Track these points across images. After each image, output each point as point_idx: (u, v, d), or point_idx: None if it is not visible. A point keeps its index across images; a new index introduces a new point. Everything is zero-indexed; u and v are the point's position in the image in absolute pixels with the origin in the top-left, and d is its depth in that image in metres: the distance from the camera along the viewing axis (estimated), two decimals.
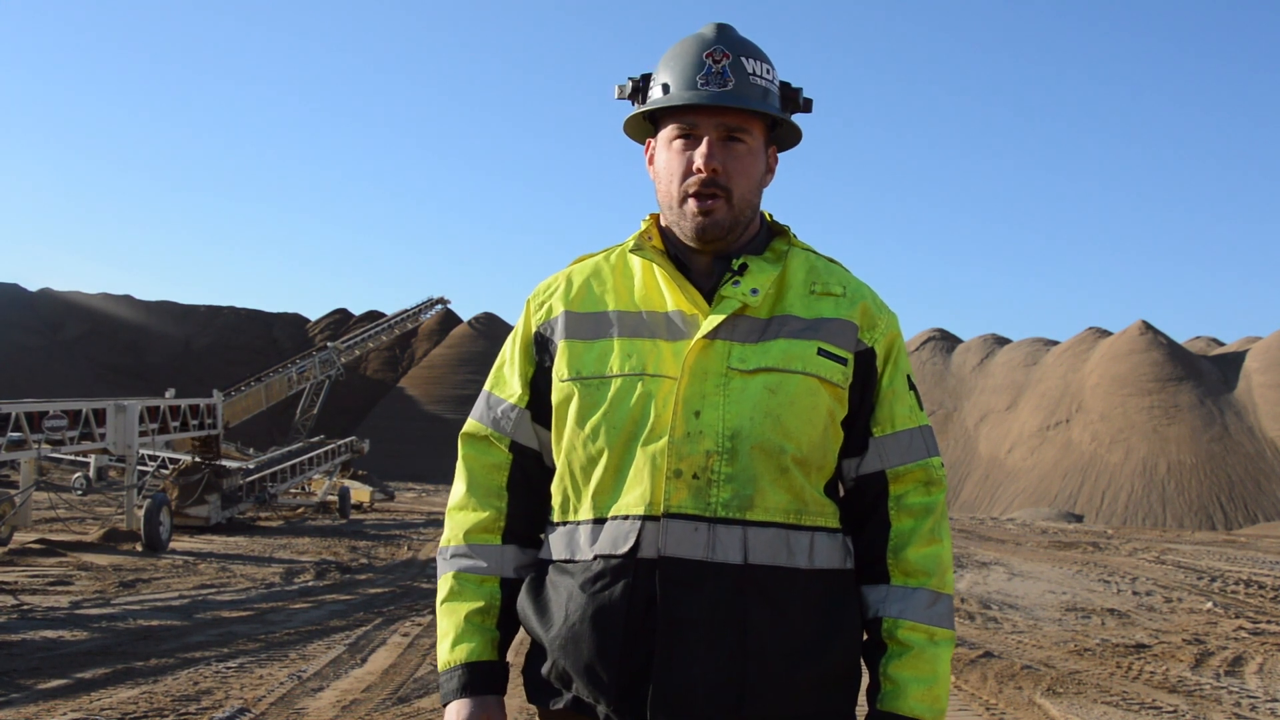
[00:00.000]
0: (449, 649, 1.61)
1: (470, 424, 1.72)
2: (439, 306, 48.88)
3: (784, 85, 1.65)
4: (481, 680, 1.58)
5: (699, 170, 1.55)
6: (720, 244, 1.59)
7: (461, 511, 1.67)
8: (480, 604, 1.62)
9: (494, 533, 1.65)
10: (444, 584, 1.65)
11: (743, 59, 1.57)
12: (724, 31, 1.60)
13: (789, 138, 1.69)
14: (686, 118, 1.57)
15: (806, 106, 1.67)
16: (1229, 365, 56.26)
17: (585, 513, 1.55)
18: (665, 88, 1.59)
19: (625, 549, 1.48)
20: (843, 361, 1.56)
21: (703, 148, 1.55)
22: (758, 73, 1.58)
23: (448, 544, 1.68)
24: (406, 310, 46.33)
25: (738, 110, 1.56)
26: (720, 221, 1.56)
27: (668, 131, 1.60)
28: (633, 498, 1.50)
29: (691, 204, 1.56)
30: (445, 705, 1.59)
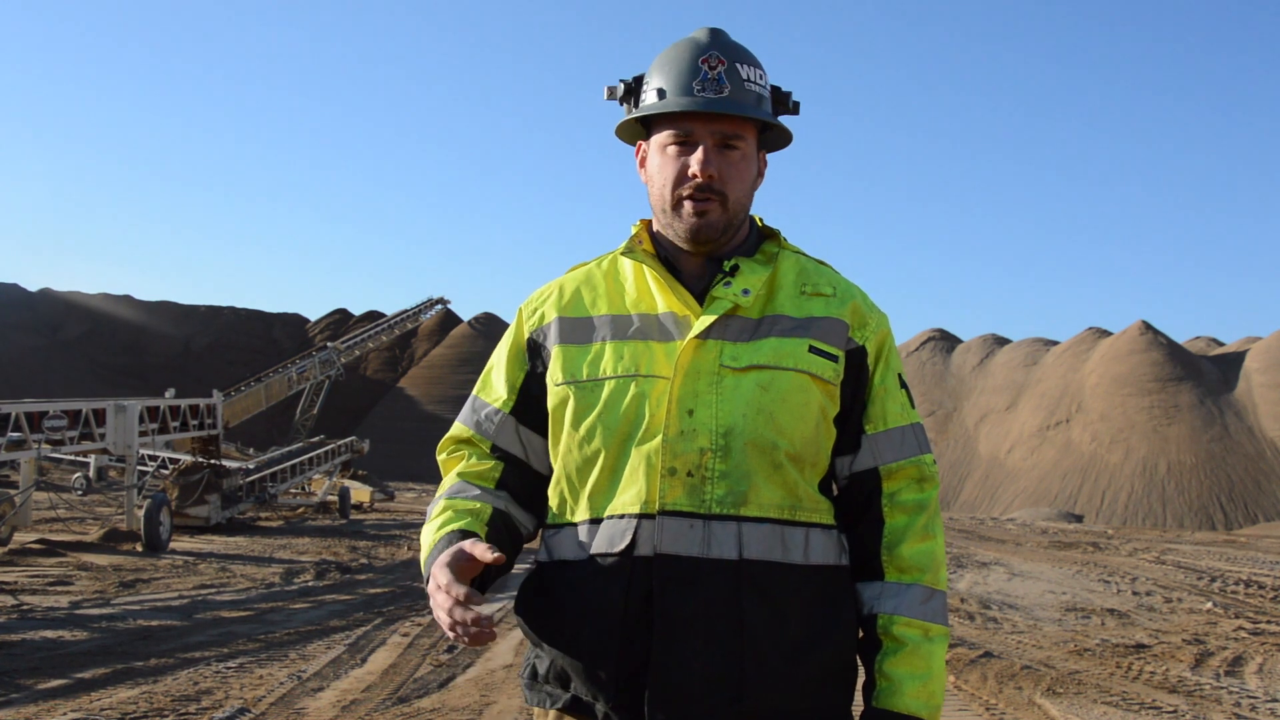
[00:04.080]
0: (434, 533, 1.55)
1: (455, 428, 1.72)
2: (439, 306, 48.90)
3: (774, 89, 1.66)
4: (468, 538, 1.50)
5: (695, 176, 1.56)
6: (713, 245, 1.61)
7: (457, 468, 1.67)
8: (472, 507, 1.58)
9: (489, 480, 1.64)
10: (433, 511, 1.61)
11: (737, 65, 1.58)
12: (717, 36, 1.61)
13: (778, 140, 1.71)
14: (682, 124, 1.57)
15: (795, 109, 1.68)
16: (1229, 365, 56.28)
17: (582, 514, 1.56)
18: (660, 93, 1.59)
19: (621, 547, 1.49)
20: (834, 359, 1.58)
21: (698, 154, 1.56)
22: (752, 79, 1.59)
23: (441, 490, 1.66)
24: (406, 310, 46.34)
25: (733, 117, 1.56)
26: (714, 223, 1.58)
27: (662, 137, 1.60)
28: (628, 497, 1.51)
29: (687, 205, 1.57)
30: (428, 577, 1.48)
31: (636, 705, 1.46)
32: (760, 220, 1.72)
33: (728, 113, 1.55)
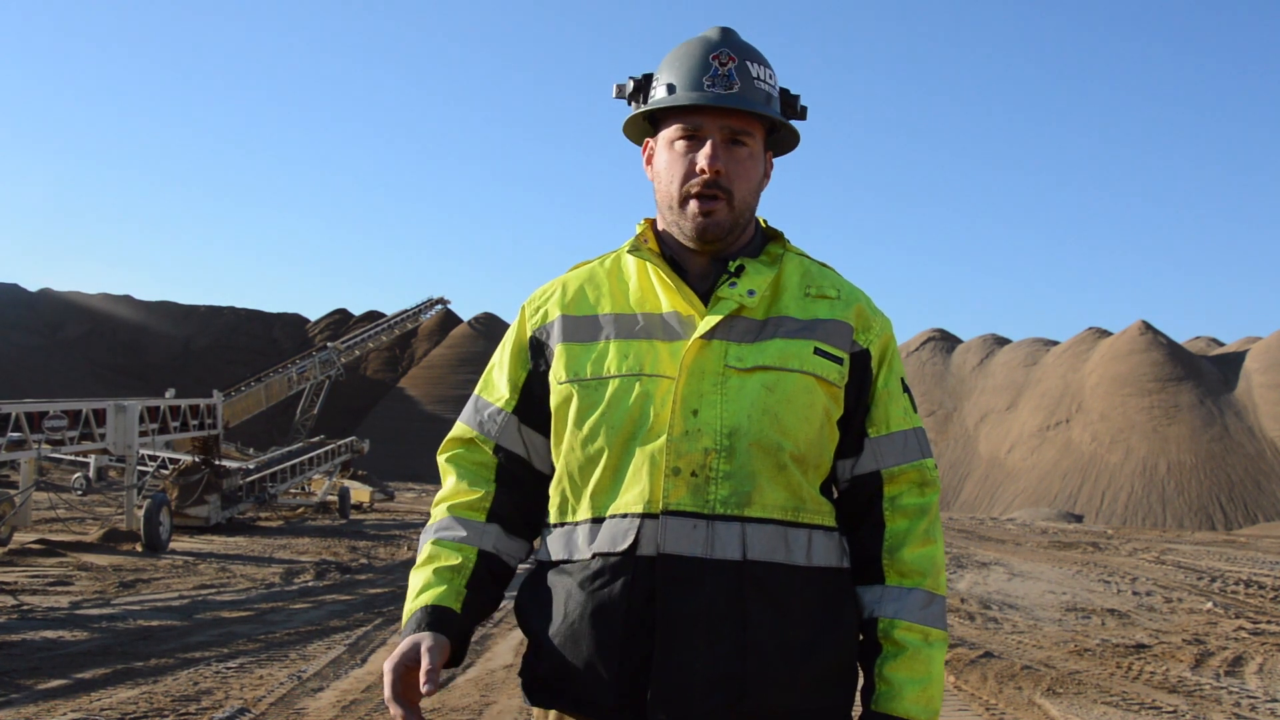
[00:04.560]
0: (413, 599, 1.58)
1: (457, 428, 1.72)
2: (439, 306, 48.87)
3: (784, 92, 1.66)
4: (437, 621, 1.53)
5: (702, 171, 1.56)
6: (718, 245, 1.61)
7: (447, 499, 1.68)
8: (454, 562, 1.60)
9: (479, 512, 1.64)
10: (421, 554, 1.64)
11: (748, 63, 1.58)
12: (729, 35, 1.61)
13: (785, 143, 1.71)
14: (691, 118, 1.57)
15: (802, 114, 1.69)
16: (1229, 365, 56.31)
17: (583, 513, 1.56)
18: (670, 88, 1.59)
19: (624, 547, 1.49)
20: (838, 361, 1.58)
21: (707, 149, 1.56)
22: (762, 77, 1.59)
23: (431, 525, 1.68)
24: (406, 310, 46.31)
25: (742, 113, 1.57)
26: (721, 222, 1.58)
27: (670, 132, 1.60)
28: (631, 496, 1.50)
29: (693, 204, 1.57)
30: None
31: (638, 705, 1.46)
32: (764, 222, 1.72)
33: (738, 108, 1.55)
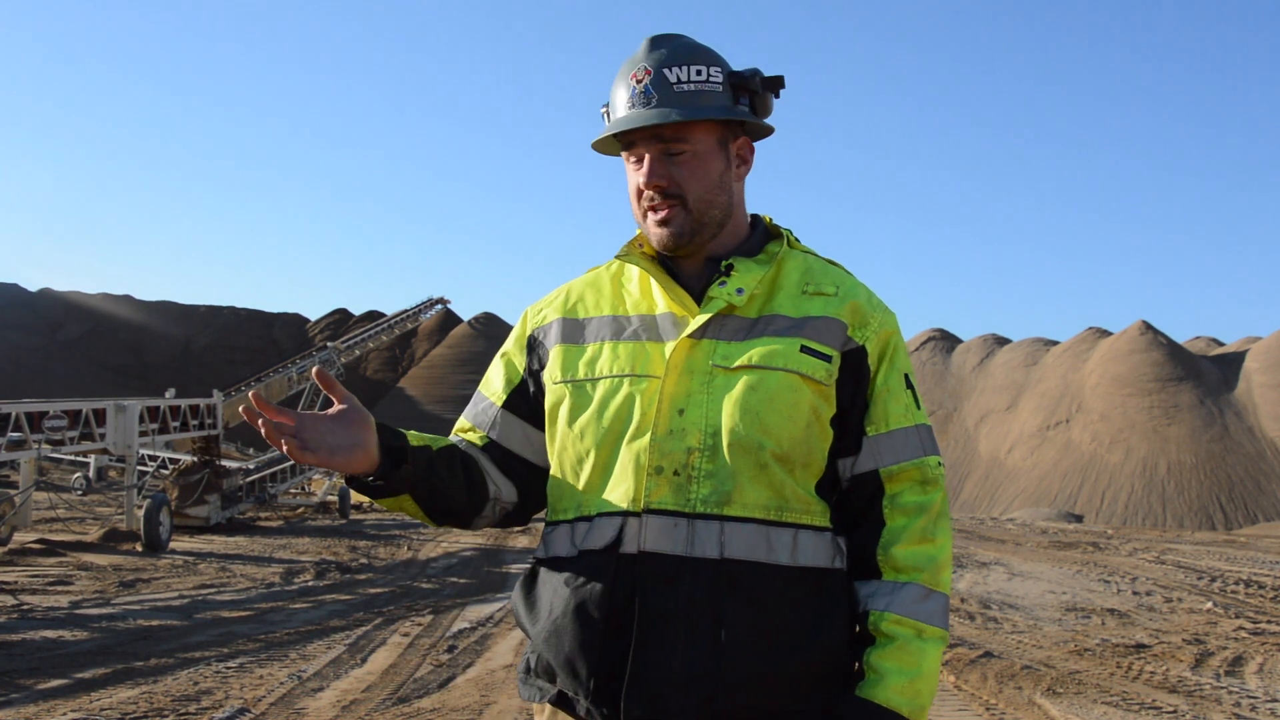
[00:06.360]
0: None
1: (459, 421, 1.80)
2: (439, 306, 48.86)
3: (734, 75, 1.61)
4: (384, 428, 1.59)
5: (641, 188, 1.60)
6: (690, 248, 1.62)
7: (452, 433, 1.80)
8: (438, 438, 1.69)
9: (477, 442, 1.73)
10: None
11: (665, 70, 1.57)
12: (652, 45, 1.60)
13: (760, 124, 1.65)
14: (626, 139, 1.61)
15: (771, 85, 1.63)
16: (1229, 365, 56.34)
17: (574, 511, 1.59)
18: (606, 115, 1.65)
19: (607, 544, 1.52)
20: (827, 359, 1.56)
21: (644, 167, 1.59)
22: (684, 78, 1.57)
23: None
24: (406, 310, 46.26)
25: (671, 123, 1.56)
26: (680, 228, 1.59)
27: (624, 155, 1.65)
28: (617, 495, 1.53)
29: (649, 217, 1.61)
30: None
31: (615, 701, 1.48)
32: (769, 219, 1.72)
33: (649, 125, 1.55)
